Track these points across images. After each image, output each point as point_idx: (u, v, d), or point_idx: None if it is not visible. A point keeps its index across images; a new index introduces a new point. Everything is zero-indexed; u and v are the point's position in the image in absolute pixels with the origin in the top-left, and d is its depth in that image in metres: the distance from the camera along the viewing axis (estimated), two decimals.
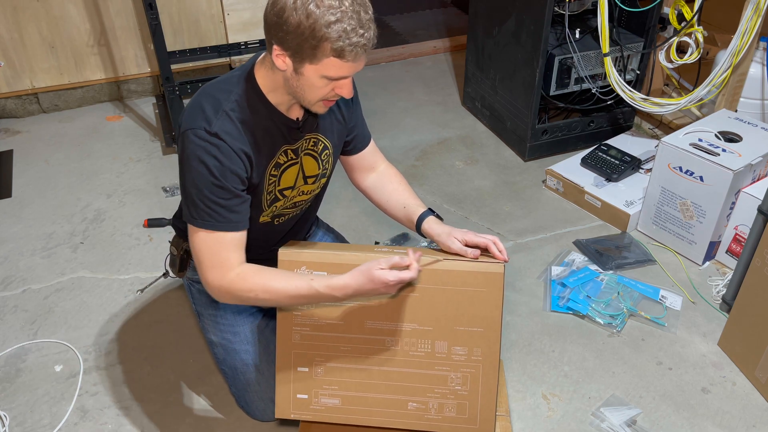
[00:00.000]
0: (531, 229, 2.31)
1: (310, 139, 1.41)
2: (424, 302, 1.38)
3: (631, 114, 2.75)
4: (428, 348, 1.40)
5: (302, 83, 1.22)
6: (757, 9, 2.05)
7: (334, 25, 1.11)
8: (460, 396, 1.41)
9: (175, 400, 1.70)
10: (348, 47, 1.13)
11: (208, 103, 1.26)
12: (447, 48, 3.75)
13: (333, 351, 1.41)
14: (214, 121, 1.24)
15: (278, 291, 1.28)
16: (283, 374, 1.43)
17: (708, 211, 2.01)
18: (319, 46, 1.13)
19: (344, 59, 1.15)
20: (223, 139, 1.23)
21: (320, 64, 1.16)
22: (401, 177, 1.60)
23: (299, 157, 1.41)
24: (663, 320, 1.90)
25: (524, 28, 2.48)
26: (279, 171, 1.38)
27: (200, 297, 1.60)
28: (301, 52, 1.16)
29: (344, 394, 1.43)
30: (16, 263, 2.17)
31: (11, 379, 1.76)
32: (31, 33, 2.88)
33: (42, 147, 2.84)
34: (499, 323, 1.37)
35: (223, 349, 1.57)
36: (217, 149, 1.23)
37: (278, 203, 1.43)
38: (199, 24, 3.10)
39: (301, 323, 1.41)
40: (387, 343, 1.40)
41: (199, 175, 1.25)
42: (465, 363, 1.40)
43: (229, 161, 1.25)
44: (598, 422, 1.62)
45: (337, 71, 1.18)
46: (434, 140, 2.86)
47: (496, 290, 1.36)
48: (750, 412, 1.64)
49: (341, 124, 1.48)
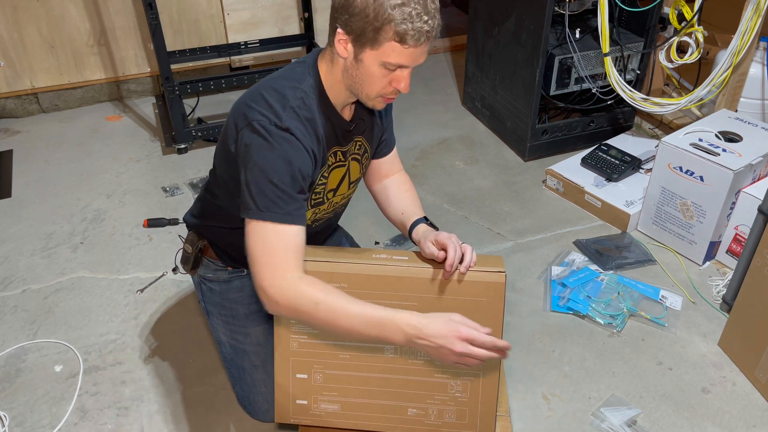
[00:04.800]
0: (531, 229, 2.31)
1: (357, 142, 1.41)
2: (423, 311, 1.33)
3: (631, 114, 2.75)
4: (427, 356, 1.37)
5: (361, 72, 1.21)
6: (757, 9, 2.05)
7: (399, 7, 1.12)
8: (460, 402, 1.40)
9: (175, 400, 1.70)
10: (411, 31, 1.13)
11: (273, 98, 1.23)
12: (447, 48, 3.74)
13: (331, 359, 1.40)
14: (283, 116, 1.22)
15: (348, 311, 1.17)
16: (281, 380, 1.42)
17: (708, 211, 2.01)
18: (382, 28, 1.14)
19: (405, 44, 1.15)
20: (295, 135, 1.21)
21: (381, 48, 1.16)
22: (411, 186, 1.59)
23: (347, 160, 1.40)
24: (663, 320, 1.90)
25: (524, 28, 2.48)
26: (329, 172, 1.37)
27: (211, 296, 1.59)
28: (363, 35, 1.15)
29: (344, 400, 1.42)
30: (16, 263, 2.17)
31: (11, 379, 1.76)
32: (31, 33, 2.88)
33: (42, 147, 2.83)
34: (500, 332, 1.35)
35: (233, 349, 1.56)
36: (289, 144, 1.21)
37: (322, 206, 1.42)
38: (199, 24, 3.10)
39: (298, 332, 1.39)
40: (386, 351, 1.38)
41: (271, 166, 1.19)
42: (465, 371, 1.38)
43: (299, 158, 1.22)
44: (598, 422, 1.62)
45: (398, 57, 1.17)
46: (434, 140, 2.86)
47: (497, 300, 1.33)
48: (750, 412, 1.64)
49: (379, 128, 1.48)
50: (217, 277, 1.57)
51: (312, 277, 1.21)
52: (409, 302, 1.33)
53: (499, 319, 1.34)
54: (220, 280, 1.57)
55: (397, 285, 1.33)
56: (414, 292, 1.34)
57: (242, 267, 1.56)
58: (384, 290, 1.33)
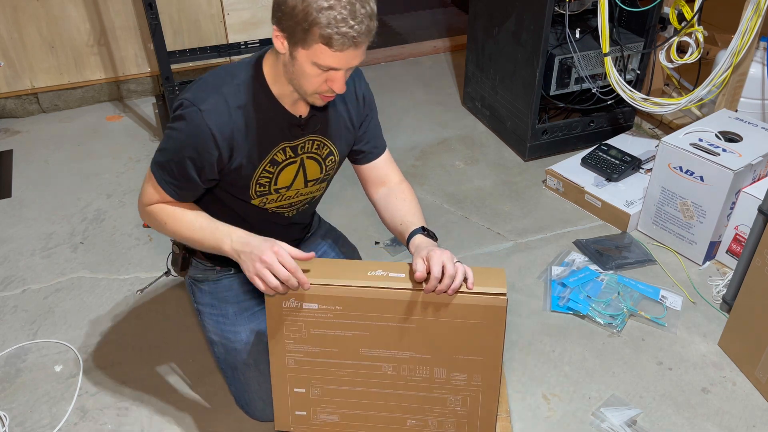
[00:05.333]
0: (531, 229, 2.31)
1: (314, 141, 1.41)
2: (421, 333, 1.31)
3: (631, 114, 2.75)
4: (426, 374, 1.35)
5: (296, 69, 1.22)
6: (757, 9, 2.05)
7: (325, 11, 1.12)
8: (459, 415, 1.39)
9: (175, 400, 1.70)
10: (336, 35, 1.13)
11: (211, 82, 1.30)
12: (447, 48, 3.74)
13: (329, 375, 1.38)
14: (207, 98, 1.27)
15: (182, 230, 1.36)
16: (279, 394, 1.41)
17: (708, 211, 2.01)
18: (310, 30, 1.14)
19: (332, 48, 1.15)
20: (205, 119, 1.26)
21: (311, 49, 1.17)
22: (411, 195, 1.53)
23: (298, 157, 1.40)
24: (663, 320, 1.90)
25: (524, 28, 2.48)
26: (276, 169, 1.38)
27: (202, 296, 1.60)
28: (294, 35, 1.17)
29: (343, 411, 1.42)
30: (16, 263, 2.17)
31: (11, 379, 1.76)
32: (31, 33, 2.88)
33: (42, 147, 2.83)
34: (500, 352, 1.32)
35: (224, 348, 1.57)
36: (196, 128, 1.26)
37: (270, 197, 1.43)
38: (199, 24, 3.10)
39: (294, 350, 1.36)
40: (384, 368, 1.36)
41: (172, 138, 1.30)
42: (464, 387, 1.36)
43: (201, 143, 1.27)
44: (598, 422, 1.62)
45: (326, 60, 1.17)
46: (434, 140, 2.86)
47: (498, 324, 1.28)
48: (750, 412, 1.64)
49: (350, 131, 1.47)
50: (207, 277, 1.58)
51: (169, 206, 1.38)
52: (406, 324, 1.30)
53: (500, 342, 1.30)
54: (210, 280, 1.58)
55: (393, 308, 1.28)
56: (411, 314, 1.29)
57: (230, 266, 1.57)
58: (381, 313, 1.29)
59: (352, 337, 1.33)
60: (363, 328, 1.32)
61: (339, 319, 1.31)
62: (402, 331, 1.31)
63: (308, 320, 1.32)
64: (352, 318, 1.30)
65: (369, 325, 1.31)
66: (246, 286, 1.58)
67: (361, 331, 1.32)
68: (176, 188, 1.35)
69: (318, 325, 1.32)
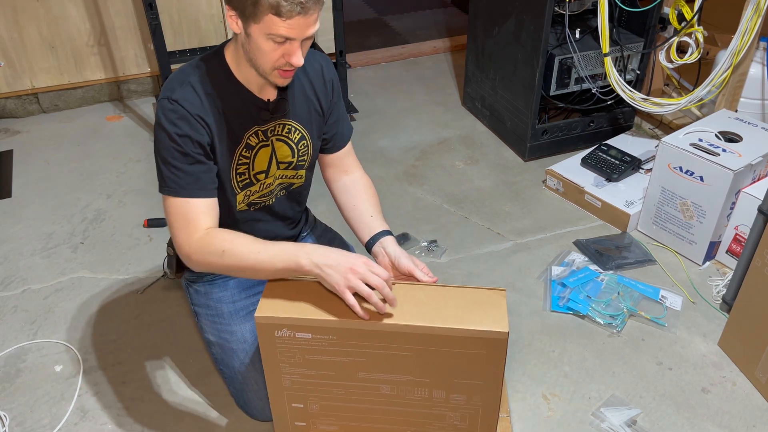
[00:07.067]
0: (531, 229, 2.31)
1: (284, 125, 1.42)
2: (419, 360, 1.27)
3: (631, 114, 2.75)
4: (425, 394, 1.33)
5: (253, 47, 1.23)
6: (757, 9, 2.05)
7: None
8: (459, 429, 1.38)
9: (175, 400, 1.70)
10: (283, 3, 1.14)
11: (178, 77, 1.33)
12: (447, 48, 3.75)
13: (327, 393, 1.36)
14: (176, 88, 1.30)
15: (246, 253, 1.26)
16: (278, 408, 1.40)
17: (708, 211, 2.01)
18: (258, 2, 1.15)
19: (281, 16, 1.16)
20: (182, 105, 1.28)
21: (262, 22, 1.17)
22: (375, 191, 1.58)
23: (269, 140, 1.42)
24: (663, 320, 1.90)
25: (524, 28, 2.48)
26: (251, 153, 1.40)
27: (198, 297, 1.60)
28: (245, 10, 1.18)
29: (342, 424, 1.41)
30: (16, 263, 2.17)
31: (11, 379, 1.76)
32: (31, 33, 2.88)
33: (42, 147, 2.84)
34: (501, 385, 1.29)
35: (221, 348, 1.57)
36: (176, 114, 1.28)
37: (252, 188, 1.44)
38: (199, 24, 3.10)
39: (290, 372, 1.33)
40: (381, 389, 1.33)
41: (160, 142, 1.30)
42: (464, 406, 1.34)
43: (188, 126, 1.28)
44: (598, 422, 1.62)
45: (278, 29, 1.18)
46: (434, 140, 2.86)
47: (499, 354, 1.24)
48: (750, 412, 1.64)
49: (319, 115, 1.48)
50: (201, 278, 1.59)
51: (219, 230, 1.32)
52: (404, 353, 1.26)
53: (500, 372, 1.27)
54: (205, 280, 1.59)
55: (391, 338, 1.24)
56: (410, 344, 1.25)
57: None
58: (379, 342, 1.26)
59: (348, 362, 1.30)
60: (359, 354, 1.28)
61: (334, 347, 1.27)
62: (399, 358, 1.28)
63: (302, 347, 1.28)
64: (347, 346, 1.27)
65: (365, 352, 1.28)
66: (241, 285, 1.59)
67: (357, 358, 1.29)
68: (193, 180, 1.31)
69: (312, 352, 1.29)
